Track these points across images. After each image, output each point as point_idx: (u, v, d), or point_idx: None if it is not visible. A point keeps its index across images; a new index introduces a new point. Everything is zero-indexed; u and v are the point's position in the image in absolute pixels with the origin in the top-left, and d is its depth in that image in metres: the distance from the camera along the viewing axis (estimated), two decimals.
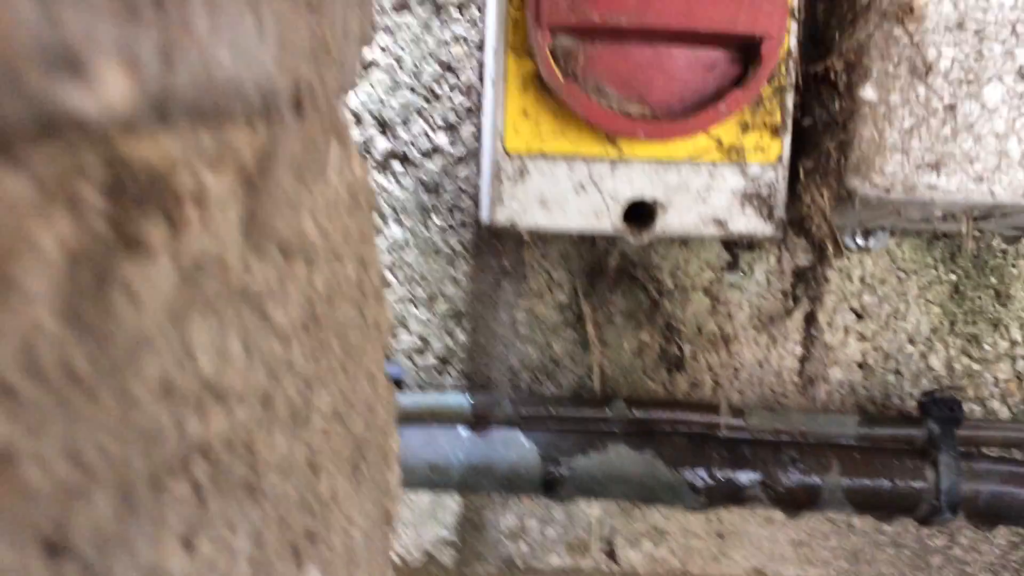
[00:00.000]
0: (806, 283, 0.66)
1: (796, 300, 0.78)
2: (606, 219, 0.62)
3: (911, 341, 0.85)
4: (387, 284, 0.48)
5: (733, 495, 0.74)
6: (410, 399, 0.75)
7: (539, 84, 0.60)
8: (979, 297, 0.85)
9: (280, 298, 0.34)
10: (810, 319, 0.80)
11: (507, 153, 0.61)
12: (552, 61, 0.57)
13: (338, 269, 0.42)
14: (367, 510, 0.50)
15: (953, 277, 0.84)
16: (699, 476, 0.73)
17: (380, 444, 0.53)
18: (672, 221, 0.62)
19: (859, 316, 0.84)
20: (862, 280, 0.83)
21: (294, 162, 0.35)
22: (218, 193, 0.28)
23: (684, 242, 0.82)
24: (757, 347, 0.85)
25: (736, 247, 0.77)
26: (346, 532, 0.47)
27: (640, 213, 0.64)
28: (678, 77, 0.59)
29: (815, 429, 0.76)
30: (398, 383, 0.75)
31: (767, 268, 0.82)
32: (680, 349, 0.83)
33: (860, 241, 0.79)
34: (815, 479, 0.74)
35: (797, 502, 0.74)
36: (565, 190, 0.62)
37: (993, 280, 0.85)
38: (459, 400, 0.76)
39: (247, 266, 0.31)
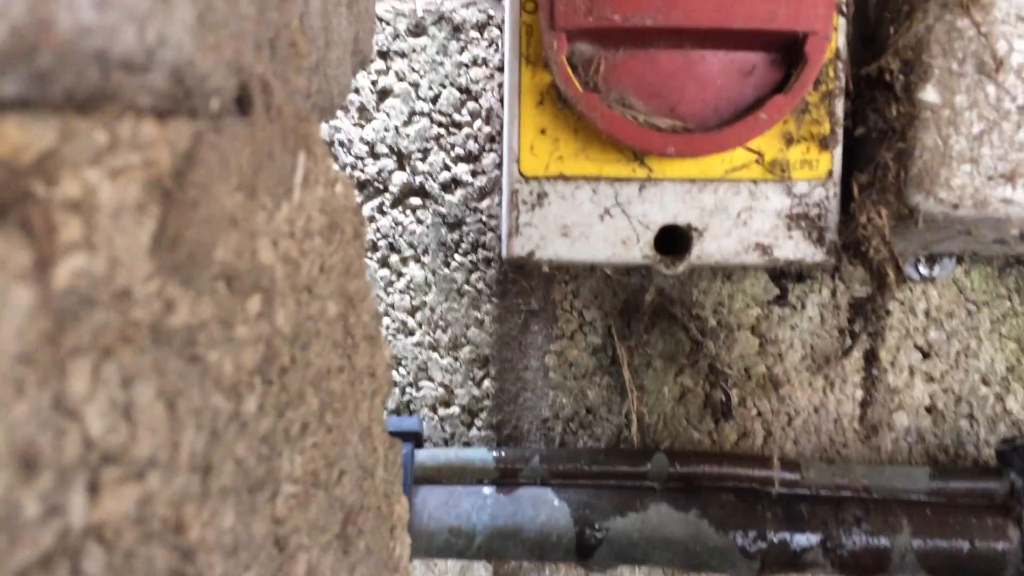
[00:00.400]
0: (864, 317, 0.58)
1: (854, 337, 0.69)
2: (635, 248, 0.55)
3: (985, 382, 0.76)
4: (380, 324, 0.42)
5: (790, 561, 0.65)
6: (428, 455, 0.68)
7: (557, 98, 0.54)
8: None
9: (222, 340, 0.28)
10: (870, 358, 0.71)
11: (523, 177, 0.55)
12: (569, 70, 0.51)
13: (312, 306, 0.36)
14: None
15: None
16: (751, 539, 0.65)
17: (380, 511, 0.46)
18: (710, 248, 0.55)
19: (925, 355, 0.76)
20: (927, 314, 0.75)
21: (238, 173, 0.29)
22: (114, 202, 0.22)
23: (727, 275, 0.74)
24: (812, 391, 0.76)
25: (784, 278, 0.69)
26: None
27: (674, 240, 0.57)
28: (712, 84, 0.53)
29: (881, 483, 0.68)
30: (417, 438, 0.68)
31: (820, 302, 0.74)
32: (727, 394, 0.76)
33: (924, 270, 0.71)
34: (883, 541, 0.65)
35: (863, 567, 0.65)
36: (589, 216, 0.55)
37: None
38: (482, 455, 0.69)
39: (166, 299, 0.25)
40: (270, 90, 0.30)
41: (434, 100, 0.76)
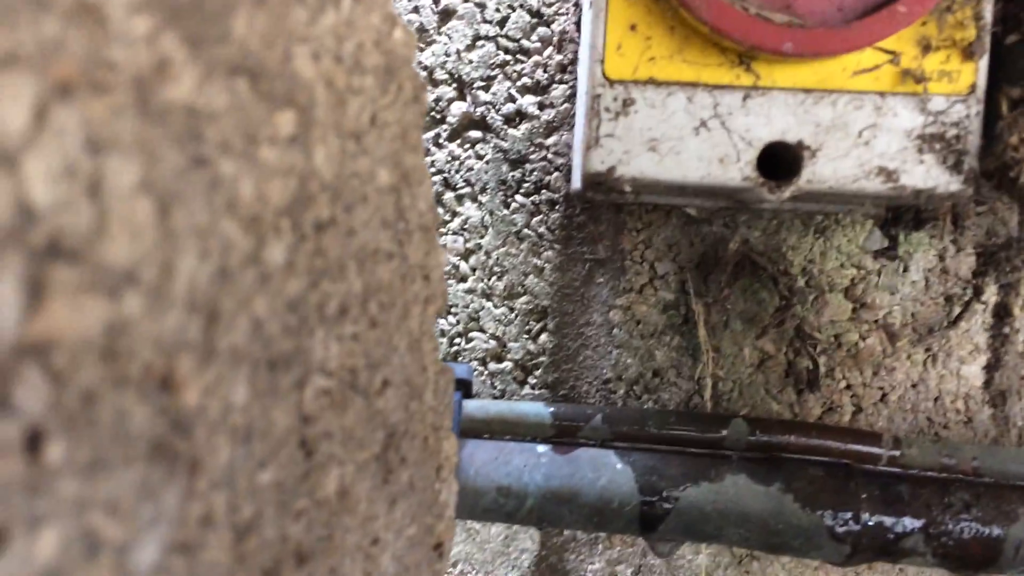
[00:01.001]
0: (997, 266, 0.50)
1: (973, 299, 0.61)
2: (734, 167, 0.47)
3: None
4: (438, 218, 0.34)
5: (886, 547, 0.57)
6: (478, 406, 0.61)
7: None
8: None
9: (240, 154, 0.21)
10: (1001, 313, 0.62)
11: (608, 80, 0.47)
12: None
13: (360, 162, 0.28)
14: (402, 528, 0.36)
15: None
16: (841, 520, 0.57)
17: (427, 442, 0.39)
18: (823, 170, 0.47)
19: None
20: None
21: None
22: None
23: (821, 229, 0.66)
24: (911, 364, 0.68)
25: (896, 225, 0.61)
26: (367, 555, 0.33)
27: (777, 163, 0.49)
28: None
29: (994, 466, 0.59)
30: (467, 387, 0.61)
31: (926, 265, 0.66)
32: (814, 362, 0.67)
33: None
34: (995, 530, 0.56)
35: (971, 560, 0.57)
36: (682, 129, 0.47)
37: None
38: (538, 410, 0.61)
39: (160, 54, 0.18)
40: None
41: (501, 23, 0.69)
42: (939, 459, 0.59)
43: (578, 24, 0.67)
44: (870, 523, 0.56)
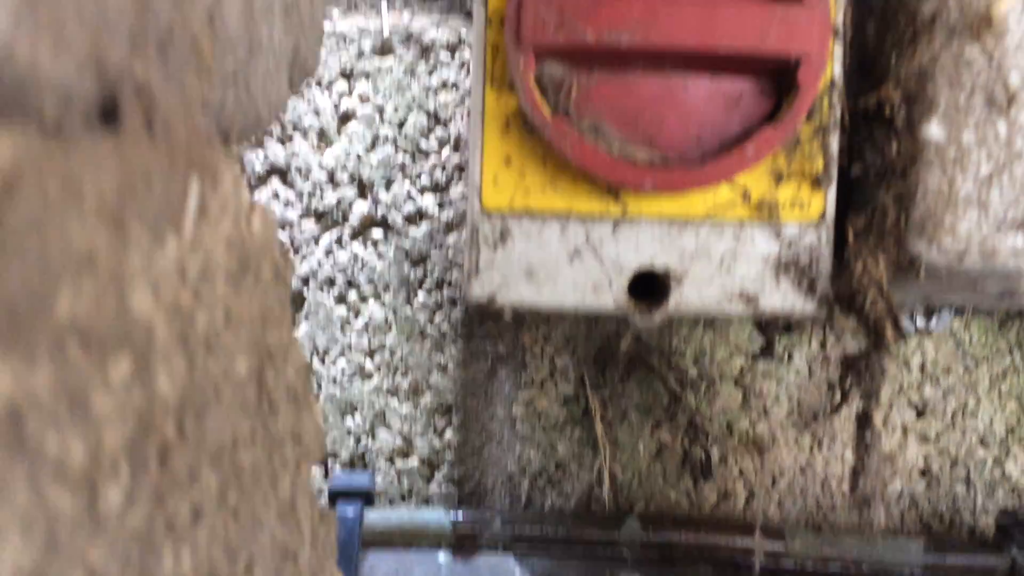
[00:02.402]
0: (857, 375, 0.53)
1: (845, 396, 0.64)
2: (607, 294, 0.50)
3: (983, 443, 0.71)
4: (312, 385, 0.35)
5: None
6: (380, 516, 0.62)
7: (524, 123, 0.48)
8: None
9: (69, 418, 0.22)
10: (863, 422, 0.66)
11: (485, 211, 0.49)
12: (538, 94, 0.46)
13: (212, 365, 0.30)
14: None
15: None
16: None
17: None
18: (689, 296, 0.50)
19: (920, 413, 0.70)
20: (922, 369, 0.70)
21: (96, 200, 0.23)
22: None
23: (709, 323, 0.69)
24: (799, 449, 0.71)
25: (771, 328, 0.64)
26: None
27: (650, 285, 0.51)
28: (694, 113, 0.48)
29: (872, 556, 0.62)
30: (368, 497, 0.62)
31: (808, 354, 0.69)
32: (706, 452, 0.70)
33: (920, 322, 0.66)
34: None
35: None
36: (557, 257, 0.49)
37: None
38: (439, 518, 0.62)
39: None
40: (152, 100, 0.25)
41: (400, 125, 0.71)
42: (821, 550, 0.62)
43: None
44: None
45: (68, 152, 0.21)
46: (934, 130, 0.45)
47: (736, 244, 0.49)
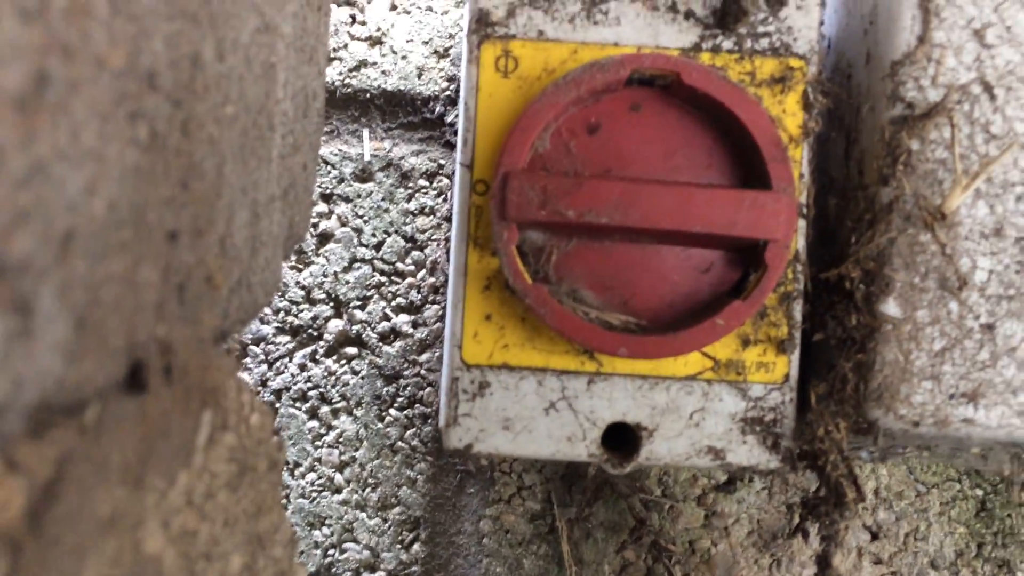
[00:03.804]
0: (818, 520, 0.55)
1: (805, 534, 0.66)
2: (581, 445, 0.52)
3: (934, 566, 0.74)
4: (295, 550, 0.37)
5: None
6: None
7: (504, 285, 0.51)
8: (1009, 516, 0.74)
9: None
10: (823, 562, 0.68)
11: (465, 364, 0.51)
12: (519, 262, 0.48)
13: (210, 573, 0.31)
14: None
15: (979, 492, 0.74)
16: None
17: None
18: (659, 448, 0.52)
19: (874, 535, 0.73)
20: (876, 493, 0.73)
21: (121, 469, 0.24)
22: None
23: None
24: (759, 569, 0.73)
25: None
26: None
27: (622, 436, 0.53)
28: (667, 280, 0.50)
29: None
30: None
31: (768, 480, 0.71)
32: (669, 571, 0.72)
33: (875, 452, 0.69)
34: None
35: None
36: (533, 410, 0.51)
37: None
38: None
39: None
40: (172, 352, 0.26)
41: (377, 247, 0.73)
42: None
43: (447, 253, 0.71)
44: None
45: (100, 437, 0.22)
46: (891, 307, 0.48)
47: (705, 402, 0.51)
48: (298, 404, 0.73)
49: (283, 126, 0.39)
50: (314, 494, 0.73)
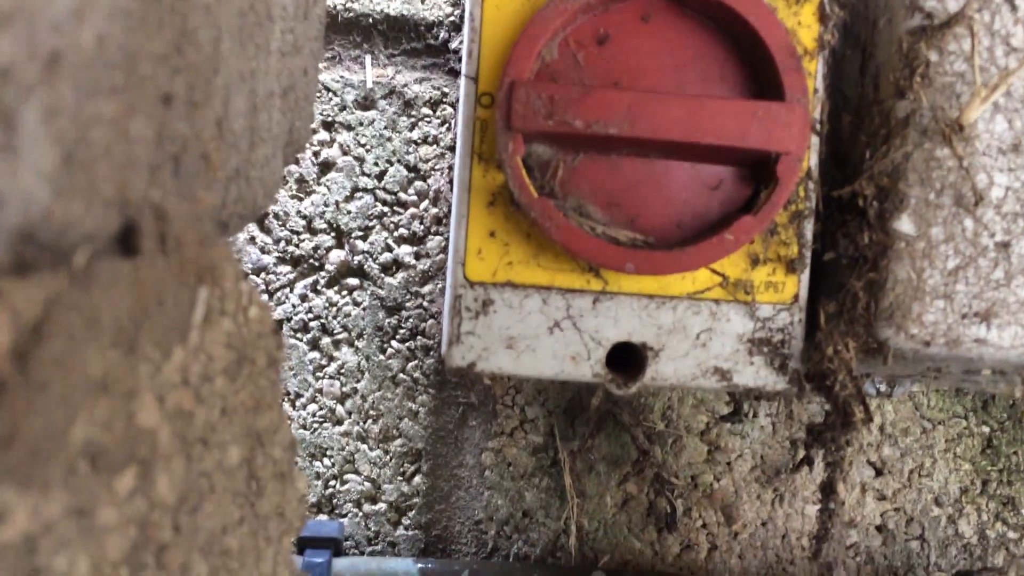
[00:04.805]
0: (823, 446, 0.55)
1: (809, 461, 0.66)
2: (585, 365, 0.51)
3: (937, 503, 0.73)
4: (295, 455, 0.36)
5: None
6: (348, 565, 0.62)
7: (509, 200, 0.50)
8: (1015, 453, 0.74)
9: (76, 536, 0.23)
10: (827, 489, 0.68)
11: (468, 281, 0.50)
12: (524, 174, 0.47)
13: (207, 460, 0.30)
14: None
15: (986, 429, 0.73)
16: None
17: None
18: (665, 369, 0.51)
19: (878, 471, 0.72)
20: (882, 429, 0.72)
21: (113, 329, 0.23)
22: None
23: None
24: (761, 504, 0.72)
25: (742, 396, 0.66)
26: None
27: (627, 356, 0.52)
28: (676, 197, 0.49)
29: None
30: (336, 546, 0.62)
31: (772, 412, 0.71)
32: (672, 505, 0.71)
33: (881, 386, 0.68)
34: None
35: None
36: (537, 328, 0.51)
37: None
38: (407, 567, 0.63)
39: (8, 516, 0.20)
40: (167, 220, 0.25)
41: (379, 177, 0.72)
42: None
43: (451, 183, 0.70)
44: None
45: (90, 288, 0.21)
46: (905, 224, 0.47)
47: (712, 322, 0.50)
48: (299, 335, 0.72)
49: (282, 21, 0.38)
50: (315, 425, 0.73)
